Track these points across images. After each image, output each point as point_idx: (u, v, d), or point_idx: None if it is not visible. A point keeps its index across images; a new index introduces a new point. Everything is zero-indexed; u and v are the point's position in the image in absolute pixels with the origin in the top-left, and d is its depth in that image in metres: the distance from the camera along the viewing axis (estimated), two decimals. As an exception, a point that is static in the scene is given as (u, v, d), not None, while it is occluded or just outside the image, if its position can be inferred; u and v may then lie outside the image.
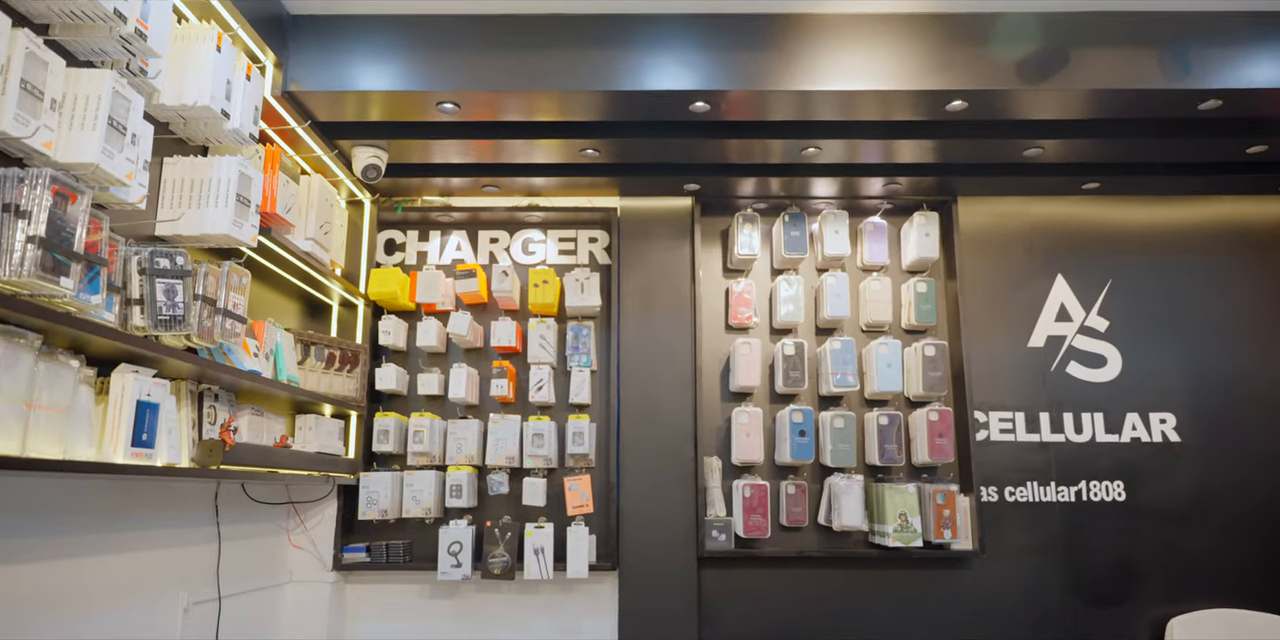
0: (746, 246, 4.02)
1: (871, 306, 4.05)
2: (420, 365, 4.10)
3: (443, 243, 4.28)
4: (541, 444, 3.83)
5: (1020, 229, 4.26)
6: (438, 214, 4.19)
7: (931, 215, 4.10)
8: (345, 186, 3.94)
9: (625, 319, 4.06)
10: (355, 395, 3.81)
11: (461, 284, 3.97)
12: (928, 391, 3.90)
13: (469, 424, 3.90)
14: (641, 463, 3.91)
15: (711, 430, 4.04)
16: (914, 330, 4.16)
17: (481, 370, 4.09)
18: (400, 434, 3.92)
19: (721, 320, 4.18)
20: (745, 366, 3.90)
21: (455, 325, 3.89)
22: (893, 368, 3.88)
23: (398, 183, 4.04)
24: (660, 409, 3.96)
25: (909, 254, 4.14)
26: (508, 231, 4.30)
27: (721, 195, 4.14)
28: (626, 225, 4.17)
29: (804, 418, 3.81)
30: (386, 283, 3.93)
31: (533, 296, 3.94)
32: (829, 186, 4.04)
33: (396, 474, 3.84)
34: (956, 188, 4.10)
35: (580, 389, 3.96)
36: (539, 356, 3.95)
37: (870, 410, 4.01)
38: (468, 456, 3.87)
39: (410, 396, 4.09)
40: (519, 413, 4.00)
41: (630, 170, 3.93)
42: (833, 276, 4.01)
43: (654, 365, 4.01)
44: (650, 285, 4.10)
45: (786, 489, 3.88)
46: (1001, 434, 4.06)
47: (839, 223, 4.06)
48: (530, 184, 4.05)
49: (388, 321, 3.98)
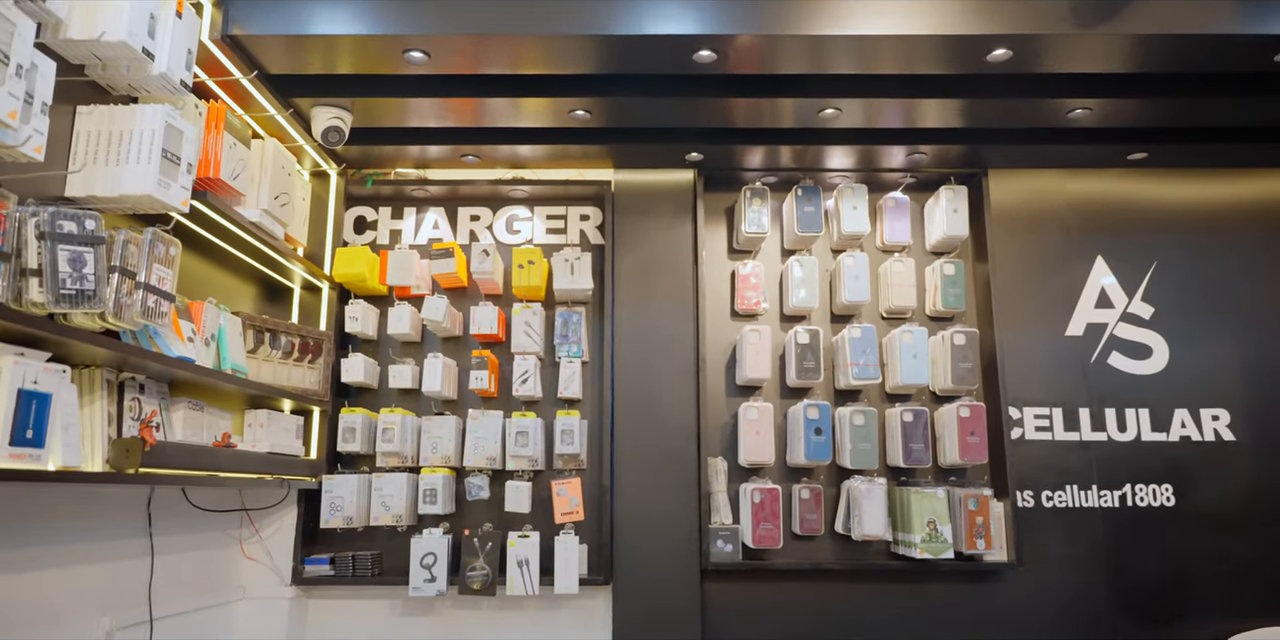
0: (755, 224, 3.62)
1: (894, 291, 3.65)
2: (392, 355, 3.68)
3: (418, 220, 3.87)
4: (526, 443, 3.41)
5: (1055, 206, 3.86)
6: (412, 188, 3.77)
7: (960, 190, 3.70)
8: (309, 156, 3.53)
9: (620, 304, 3.65)
10: (317, 388, 3.40)
11: (437, 265, 3.56)
12: (957, 385, 3.50)
13: (445, 421, 3.49)
14: (638, 464, 3.50)
15: (716, 428, 3.63)
16: (940, 317, 3.75)
17: (460, 361, 3.68)
18: (368, 432, 3.50)
19: (727, 306, 3.77)
20: (754, 357, 3.50)
21: (430, 310, 3.47)
22: (918, 358, 3.47)
23: (368, 152, 3.62)
24: (659, 404, 3.56)
25: (934, 233, 3.74)
26: (490, 208, 3.89)
27: (727, 167, 3.73)
28: (622, 200, 3.76)
29: (820, 414, 3.41)
30: (354, 263, 3.52)
31: (517, 279, 3.53)
32: (845, 157, 3.64)
33: (364, 476, 3.43)
34: (987, 159, 3.70)
35: (570, 382, 3.55)
36: (524, 346, 3.54)
37: (892, 405, 3.61)
38: (444, 457, 3.46)
39: (380, 390, 3.67)
40: (501, 408, 3.59)
41: (626, 136, 3.52)
42: (851, 257, 3.60)
43: (652, 355, 3.60)
44: (648, 267, 3.70)
45: (800, 493, 3.48)
46: (1037, 432, 3.66)
47: (858, 197, 3.66)
48: (515, 153, 3.64)
49: (355, 307, 3.57)
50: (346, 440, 3.44)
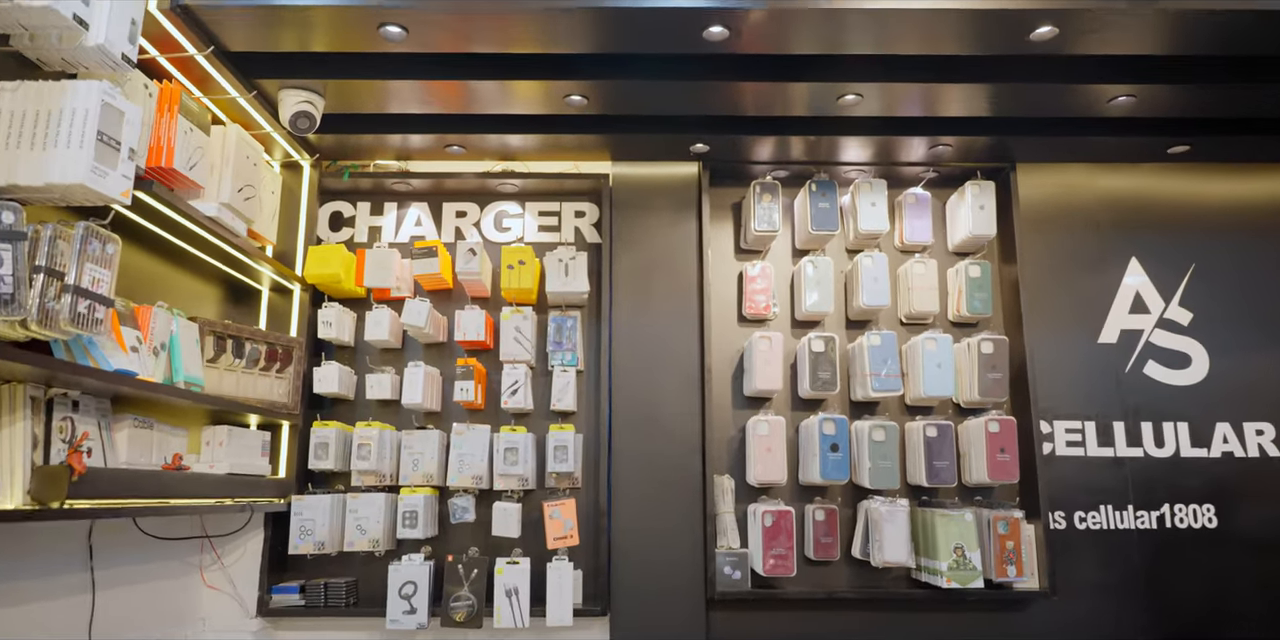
0: (765, 221, 3.33)
1: (915, 294, 3.36)
2: (369, 364, 3.38)
3: (399, 216, 3.57)
4: (516, 461, 3.12)
5: (1086, 203, 3.59)
6: (393, 182, 3.47)
7: (987, 185, 3.42)
8: (279, 146, 3.22)
9: (618, 308, 3.36)
10: (286, 400, 3.09)
11: (419, 265, 3.25)
12: (984, 396, 3.22)
13: (428, 436, 3.19)
14: (638, 483, 3.21)
15: (722, 443, 3.34)
16: (963, 323, 3.48)
17: (444, 370, 3.38)
18: (343, 448, 3.20)
19: (734, 310, 3.48)
20: (765, 366, 3.21)
21: (411, 315, 3.17)
22: (943, 368, 3.19)
23: (344, 142, 3.32)
24: (661, 417, 3.27)
25: (958, 232, 3.46)
26: (477, 204, 3.59)
27: (734, 159, 3.45)
28: (620, 196, 3.47)
29: (837, 428, 3.12)
30: (328, 263, 3.22)
31: (506, 280, 3.24)
32: (862, 149, 3.35)
33: (337, 497, 3.13)
34: (1014, 151, 3.42)
35: (564, 393, 3.25)
36: (514, 353, 3.25)
37: (912, 419, 3.34)
38: (425, 475, 3.16)
39: (357, 401, 3.37)
40: (489, 422, 3.30)
41: (625, 125, 3.23)
42: (869, 258, 3.32)
43: (653, 364, 3.32)
44: (649, 268, 3.41)
45: (813, 515, 3.19)
46: (1069, 448, 3.38)
47: (876, 193, 3.37)
48: (504, 144, 3.34)
49: (330, 310, 3.26)
50: (319, 457, 3.14)
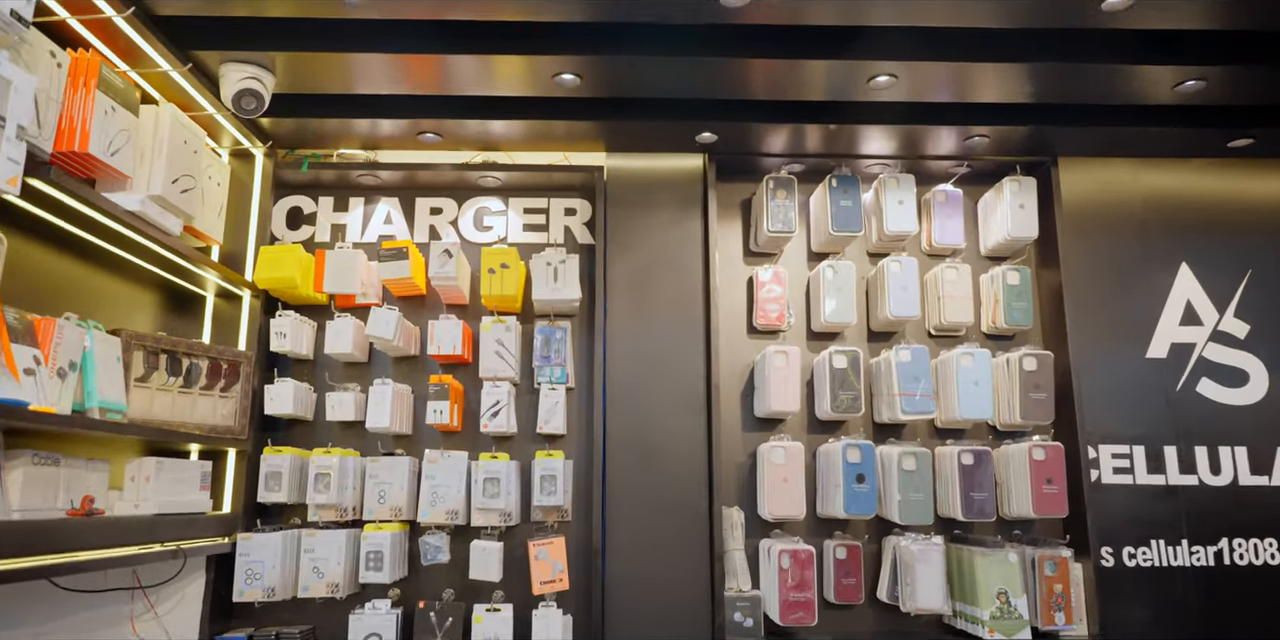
0: (780, 221, 2.95)
1: (947, 303, 3.00)
2: (329, 381, 2.98)
3: (367, 213, 3.17)
4: (497, 492, 2.73)
5: (1131, 203, 3.24)
6: (360, 174, 3.07)
7: (1027, 181, 3.06)
8: (227, 132, 2.81)
9: (614, 318, 2.98)
10: (232, 424, 2.69)
11: (387, 268, 2.85)
12: (1026, 419, 2.86)
13: (396, 464, 2.79)
14: (636, 517, 2.83)
15: (731, 470, 2.97)
16: (999, 335, 3.12)
17: (416, 388, 2.98)
18: (298, 477, 2.80)
19: (743, 320, 3.11)
20: (781, 385, 2.84)
21: (377, 325, 2.78)
22: (980, 386, 2.83)
23: (303, 127, 2.91)
24: (662, 442, 2.89)
25: (994, 233, 3.10)
26: (455, 199, 3.19)
27: (744, 150, 3.07)
28: (616, 191, 3.09)
29: (862, 456, 2.75)
30: (281, 265, 2.81)
31: (487, 286, 2.84)
32: (886, 140, 2.99)
33: (291, 534, 2.72)
34: (1055, 144, 3.07)
35: (552, 414, 2.86)
36: (495, 369, 2.85)
37: (942, 443, 2.97)
38: (393, 509, 2.76)
39: (316, 424, 2.97)
40: (466, 447, 2.90)
41: (623, 110, 2.84)
42: (896, 262, 2.95)
43: (653, 382, 2.93)
44: (648, 272, 3.03)
45: (834, 552, 2.82)
46: (1115, 475, 3.03)
47: (904, 189, 3.01)
48: (485, 131, 2.95)
49: (284, 320, 2.86)
50: (270, 488, 2.73)
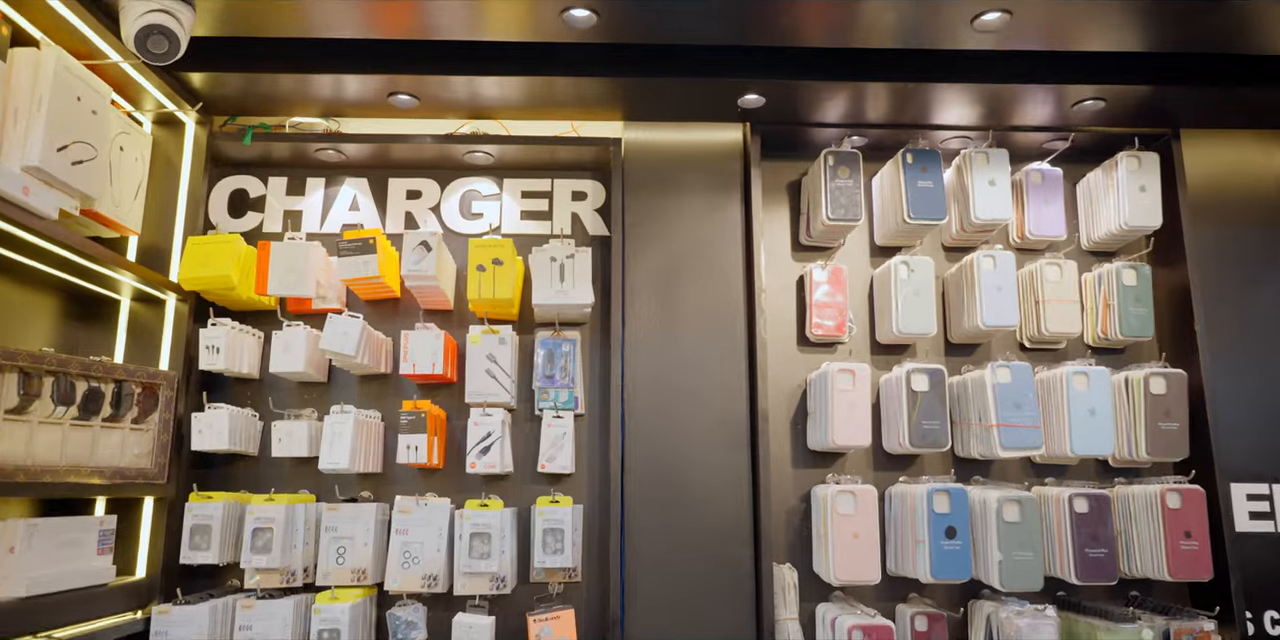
0: (842, 205, 2.36)
1: (1049, 309, 2.41)
2: (274, 408, 2.38)
3: (328, 197, 2.57)
4: (487, 551, 2.13)
5: (1261, 185, 2.66)
6: (319, 148, 2.47)
7: (1149, 158, 2.47)
8: (145, 92, 2.21)
9: (634, 328, 2.39)
10: (147, 465, 2.09)
11: (348, 264, 2.25)
12: (1154, 454, 2.28)
13: (359, 513, 2.20)
14: (664, 579, 2.24)
15: (779, 517, 2.38)
16: (1107, 349, 2.54)
17: (388, 415, 2.39)
18: (232, 531, 2.20)
19: (793, 330, 2.52)
20: (848, 411, 2.24)
21: (333, 337, 2.17)
22: (1098, 415, 2.24)
23: (247, 87, 2.31)
24: (696, 483, 2.30)
25: (1103, 222, 2.51)
26: (437, 180, 2.60)
27: (795, 120, 2.48)
28: (636, 170, 2.50)
29: (953, 503, 2.16)
30: (212, 261, 2.21)
31: (475, 287, 2.25)
32: (968, 106, 2.39)
33: (222, 604, 2.12)
34: (1178, 113, 2.48)
35: (557, 449, 2.27)
36: (486, 392, 2.26)
37: (1041, 482, 2.39)
38: (355, 572, 2.16)
39: (262, 462, 2.37)
40: (449, 492, 2.32)
41: (646, 64, 2.25)
42: (989, 257, 2.36)
43: (684, 407, 2.34)
44: (676, 271, 2.44)
45: (911, 622, 2.24)
46: (1252, 520, 2.45)
47: (995, 168, 2.42)
48: (474, 93, 2.34)
49: (218, 331, 2.25)
50: (196, 546, 2.14)
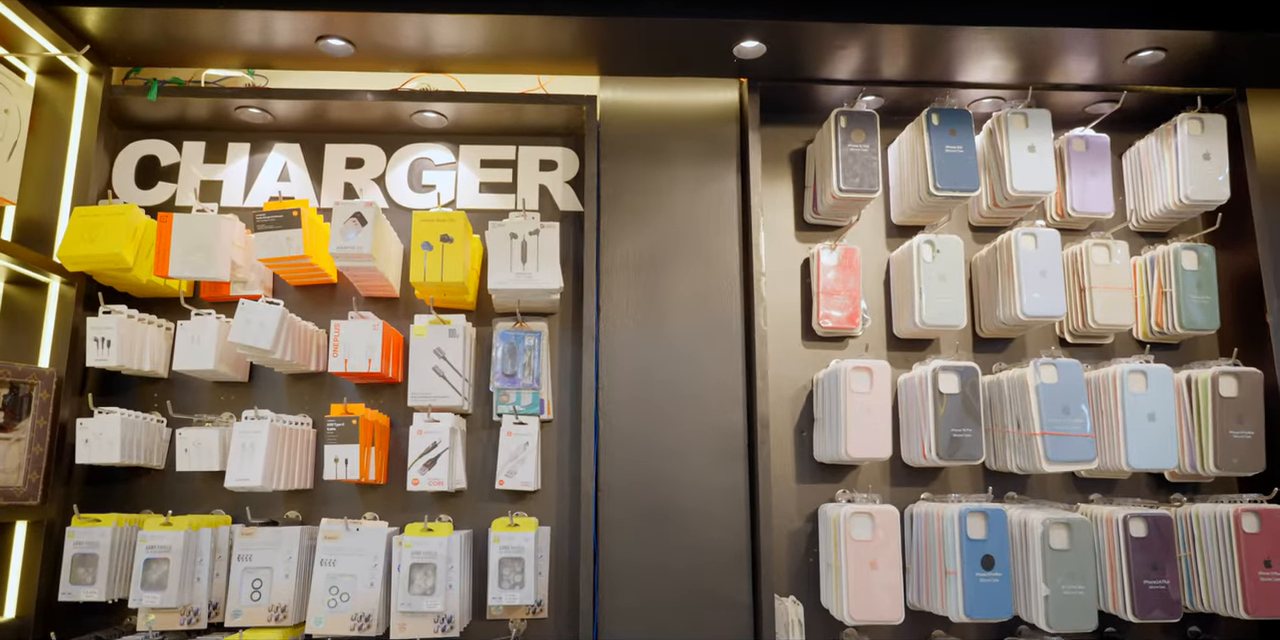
0: (857, 174, 2.00)
1: (1097, 297, 2.06)
2: (179, 411, 2.01)
3: (254, 165, 2.19)
4: (431, 585, 1.77)
5: (1336, 157, 2.32)
6: (240, 106, 2.09)
7: (1214, 121, 2.12)
8: (23, 35, 1.83)
9: (612, 319, 2.02)
10: (16, 482, 1.72)
11: (267, 240, 1.88)
12: (1224, 468, 1.92)
13: (280, 538, 1.83)
14: (645, 616, 1.87)
15: (781, 541, 2.02)
16: (1161, 343, 2.19)
17: (319, 421, 2.02)
18: (124, 561, 1.82)
19: (796, 321, 2.16)
20: (863, 416, 1.88)
21: (245, 327, 1.80)
22: (1158, 421, 1.89)
23: (150, 27, 1.93)
24: (683, 502, 1.93)
25: (1159, 196, 2.16)
26: (381, 147, 2.22)
27: (800, 74, 2.11)
28: (615, 135, 2.13)
29: (990, 528, 1.81)
30: (101, 236, 1.83)
31: (420, 268, 1.87)
32: (1003, 59, 2.04)
33: (112, 652, 1.76)
34: (1246, 70, 2.13)
35: (519, 461, 1.91)
36: (432, 394, 1.89)
37: (1087, 500, 2.04)
38: (273, 610, 1.79)
39: (167, 477, 1.99)
40: (398, 506, 1.95)
41: (626, 4, 1.88)
42: (1030, 235, 2.00)
43: (670, 411, 1.98)
44: (662, 253, 2.07)
45: (939, 666, 1.89)
46: (1330, 543, 2.10)
47: (1036, 131, 2.06)
48: (425, 39, 1.97)
49: (109, 320, 1.87)
50: (79, 580, 1.76)
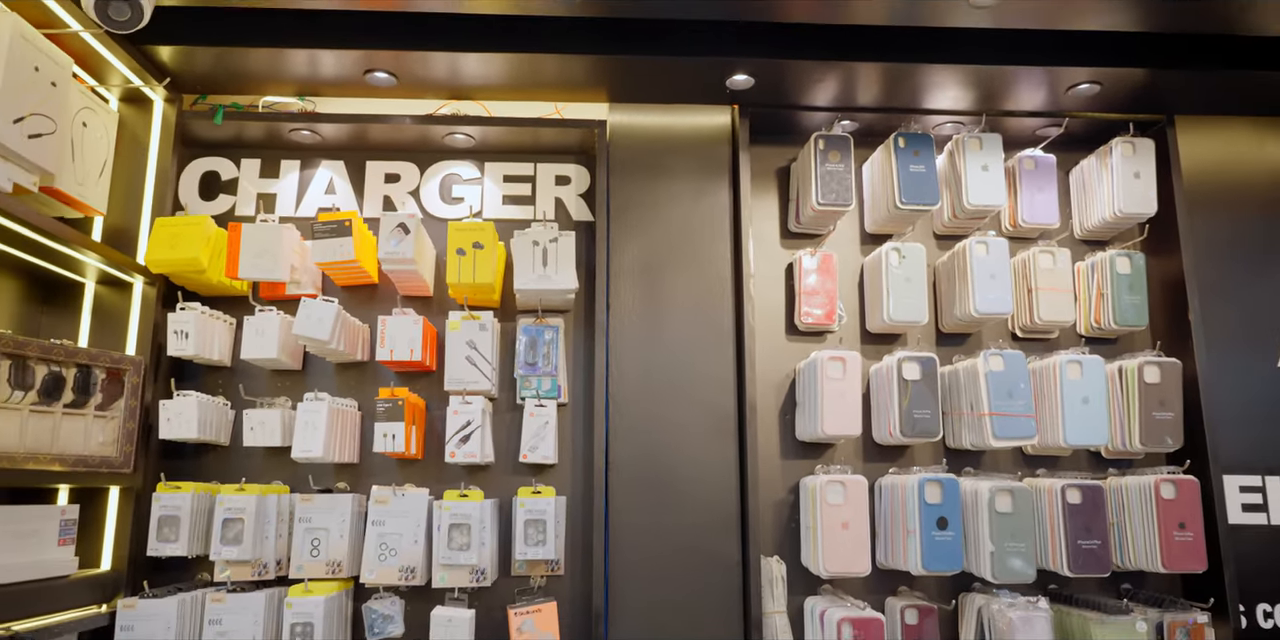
0: (833, 190, 2.31)
1: (1042, 297, 2.37)
2: (245, 394, 2.30)
3: (303, 180, 2.49)
4: (466, 542, 2.07)
5: (1257, 173, 2.63)
6: (294, 128, 2.39)
7: (1144, 144, 2.44)
8: (111, 67, 2.12)
9: (620, 315, 2.33)
10: (113, 453, 2.01)
11: (323, 247, 2.18)
12: (1148, 444, 2.24)
13: (335, 504, 2.12)
14: (649, 572, 2.18)
15: (768, 510, 2.33)
16: (1100, 338, 2.50)
17: (366, 401, 2.32)
18: (203, 523, 2.12)
19: (780, 318, 2.47)
20: (837, 399, 2.19)
21: (307, 322, 2.10)
22: (1092, 404, 2.20)
23: (218, 61, 2.23)
24: (682, 474, 2.24)
25: (1097, 209, 2.48)
26: (416, 164, 2.52)
27: (783, 102, 2.42)
28: (622, 155, 2.43)
29: (945, 494, 2.12)
30: (181, 243, 2.13)
31: (455, 271, 2.17)
32: (961, 89, 2.35)
33: (191, 598, 2.05)
34: (1171, 99, 2.45)
35: (539, 439, 2.21)
36: (465, 380, 2.19)
37: (1032, 474, 2.36)
38: (330, 564, 2.09)
39: (233, 452, 2.29)
40: (428, 482, 2.25)
41: (633, 40, 2.19)
42: (982, 244, 2.32)
43: (670, 396, 2.28)
44: (663, 258, 2.37)
45: (901, 616, 2.19)
46: (1245, 513, 2.42)
47: (989, 153, 2.37)
48: (454, 70, 2.27)
49: (186, 315, 2.17)
50: (164, 538, 2.06)
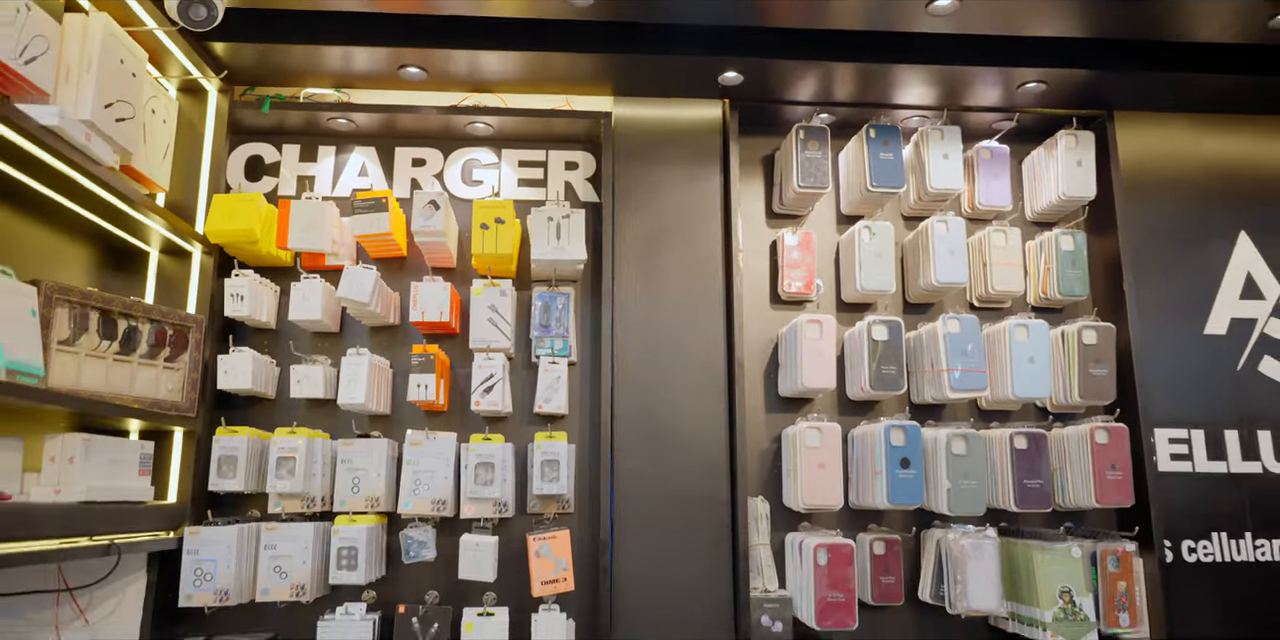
0: (811, 176, 2.62)
1: (995, 271, 2.69)
2: (294, 351, 2.59)
3: (338, 163, 2.78)
4: (490, 478, 2.36)
5: (1190, 166, 2.95)
6: (331, 117, 2.67)
7: (1085, 136, 2.76)
8: (173, 60, 2.40)
9: (623, 284, 2.63)
10: (179, 399, 2.29)
11: (362, 221, 2.47)
12: (1085, 398, 2.56)
13: (373, 447, 2.41)
14: (648, 509, 2.48)
15: (754, 455, 2.63)
16: (1048, 307, 2.82)
17: (396, 360, 2.61)
18: (257, 462, 2.41)
19: (766, 289, 2.78)
20: (814, 357, 2.50)
21: (350, 286, 2.39)
22: (1036, 362, 2.52)
23: (264, 57, 2.51)
24: (678, 424, 2.54)
25: (1044, 194, 2.80)
26: (440, 150, 2.81)
27: (769, 98, 2.73)
28: (625, 143, 2.73)
29: (908, 438, 2.43)
30: (237, 216, 2.41)
31: (479, 243, 2.47)
32: (926, 87, 2.66)
33: (249, 528, 2.33)
34: (1113, 96, 2.77)
35: (552, 392, 2.51)
36: (487, 339, 2.49)
37: (987, 425, 2.67)
38: (369, 499, 2.38)
39: (279, 401, 2.58)
40: (454, 428, 2.54)
41: (636, 41, 2.49)
42: (942, 222, 2.63)
43: (667, 356, 2.59)
44: (661, 235, 2.68)
45: (870, 547, 2.50)
46: (1173, 461, 2.75)
47: (949, 143, 2.69)
48: (475, 67, 2.57)
49: (241, 280, 2.46)
50: (224, 474, 2.34)
